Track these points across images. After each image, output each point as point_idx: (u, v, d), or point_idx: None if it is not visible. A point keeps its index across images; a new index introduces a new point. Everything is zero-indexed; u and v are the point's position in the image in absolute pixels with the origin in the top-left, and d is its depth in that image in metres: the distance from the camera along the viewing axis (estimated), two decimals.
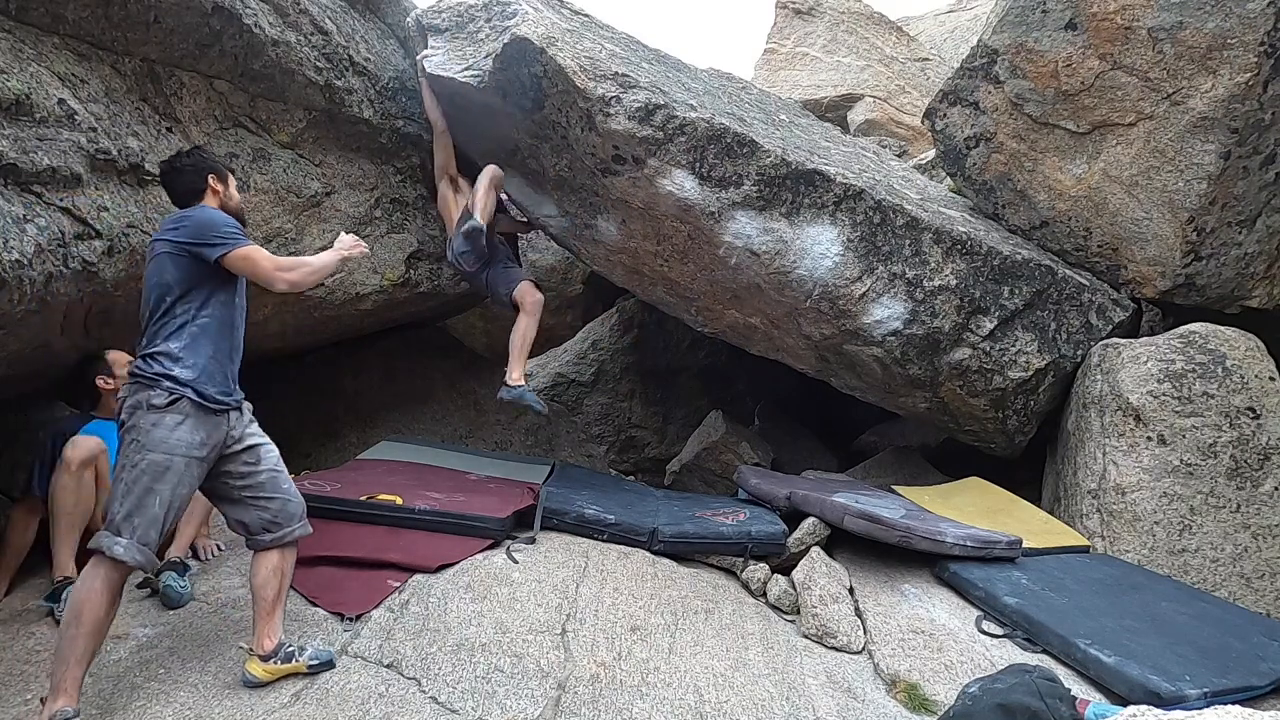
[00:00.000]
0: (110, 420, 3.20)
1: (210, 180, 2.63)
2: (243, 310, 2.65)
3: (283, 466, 2.63)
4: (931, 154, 6.88)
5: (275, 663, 2.47)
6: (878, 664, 3.03)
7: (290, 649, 2.50)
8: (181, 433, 2.34)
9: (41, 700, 2.21)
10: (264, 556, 2.53)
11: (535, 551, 3.31)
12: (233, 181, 2.74)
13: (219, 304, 2.51)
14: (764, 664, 2.91)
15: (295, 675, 2.49)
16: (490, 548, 3.30)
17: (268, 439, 2.63)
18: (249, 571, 2.56)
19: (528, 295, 4.50)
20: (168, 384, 2.36)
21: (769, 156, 4.14)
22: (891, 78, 10.00)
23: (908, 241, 4.25)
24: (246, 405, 2.62)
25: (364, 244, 2.91)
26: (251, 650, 2.49)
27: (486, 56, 4.26)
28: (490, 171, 4.54)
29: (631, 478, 6.40)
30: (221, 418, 2.46)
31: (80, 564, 2.82)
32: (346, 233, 4.34)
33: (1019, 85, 4.55)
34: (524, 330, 4.45)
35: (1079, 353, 4.37)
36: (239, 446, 2.52)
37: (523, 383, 4.34)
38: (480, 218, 4.37)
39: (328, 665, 2.53)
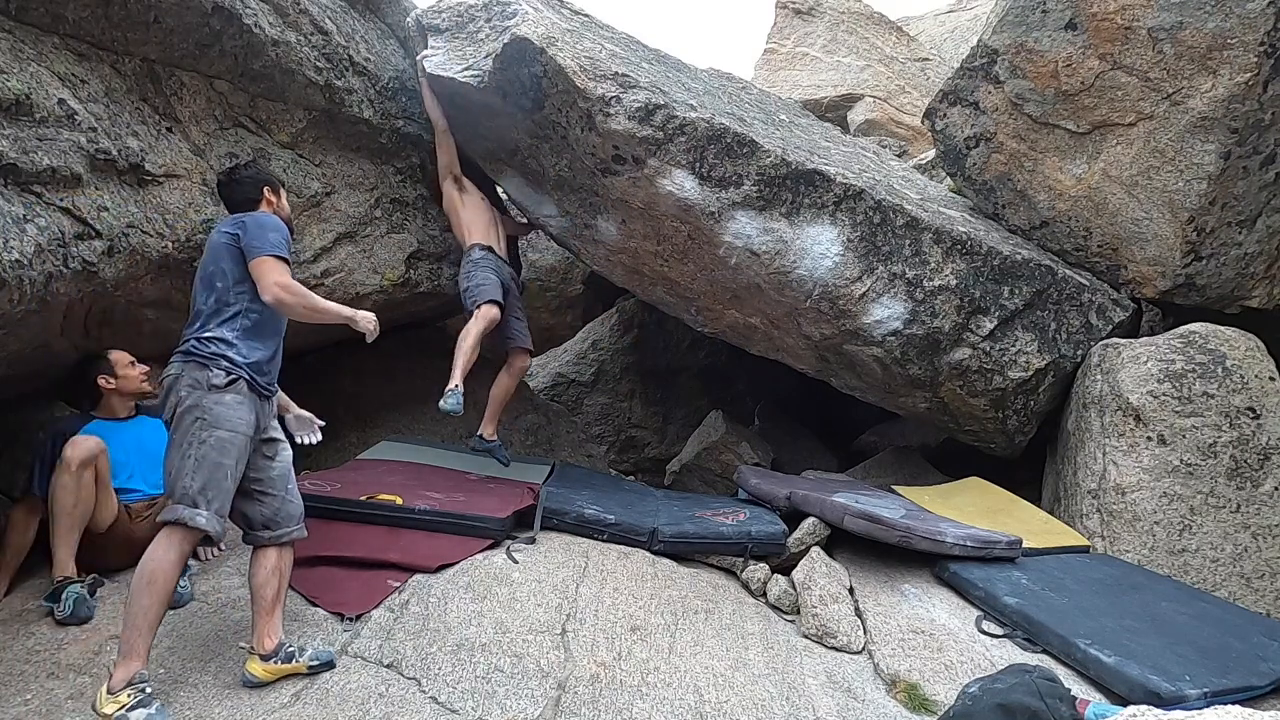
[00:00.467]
0: (110, 420, 3.20)
1: (265, 191, 2.80)
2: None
3: (292, 468, 2.70)
4: (931, 154, 6.89)
5: (275, 662, 2.48)
6: (878, 664, 3.03)
7: (290, 649, 2.51)
8: (242, 411, 2.45)
9: (109, 669, 2.26)
10: (262, 556, 2.55)
11: (535, 551, 3.31)
12: (284, 194, 2.91)
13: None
14: (764, 664, 2.91)
15: (295, 675, 2.49)
16: (490, 548, 3.30)
17: (285, 438, 2.72)
18: (248, 571, 2.58)
19: (517, 360, 4.54)
20: (225, 363, 2.46)
21: (769, 156, 4.14)
22: (891, 78, 10.00)
23: (908, 241, 4.25)
24: (275, 398, 2.72)
25: (376, 327, 2.81)
26: (252, 650, 2.49)
27: (486, 56, 4.26)
28: (483, 320, 4.22)
29: (631, 478, 6.40)
30: (266, 403, 2.59)
31: (80, 564, 2.83)
32: (346, 233, 4.40)
33: (1019, 85, 4.55)
34: (504, 389, 4.48)
35: (1079, 353, 4.37)
36: (263, 437, 2.61)
37: (496, 439, 4.35)
38: (458, 379, 3.99)
39: (328, 666, 2.54)
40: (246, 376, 2.49)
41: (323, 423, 3.20)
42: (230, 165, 2.87)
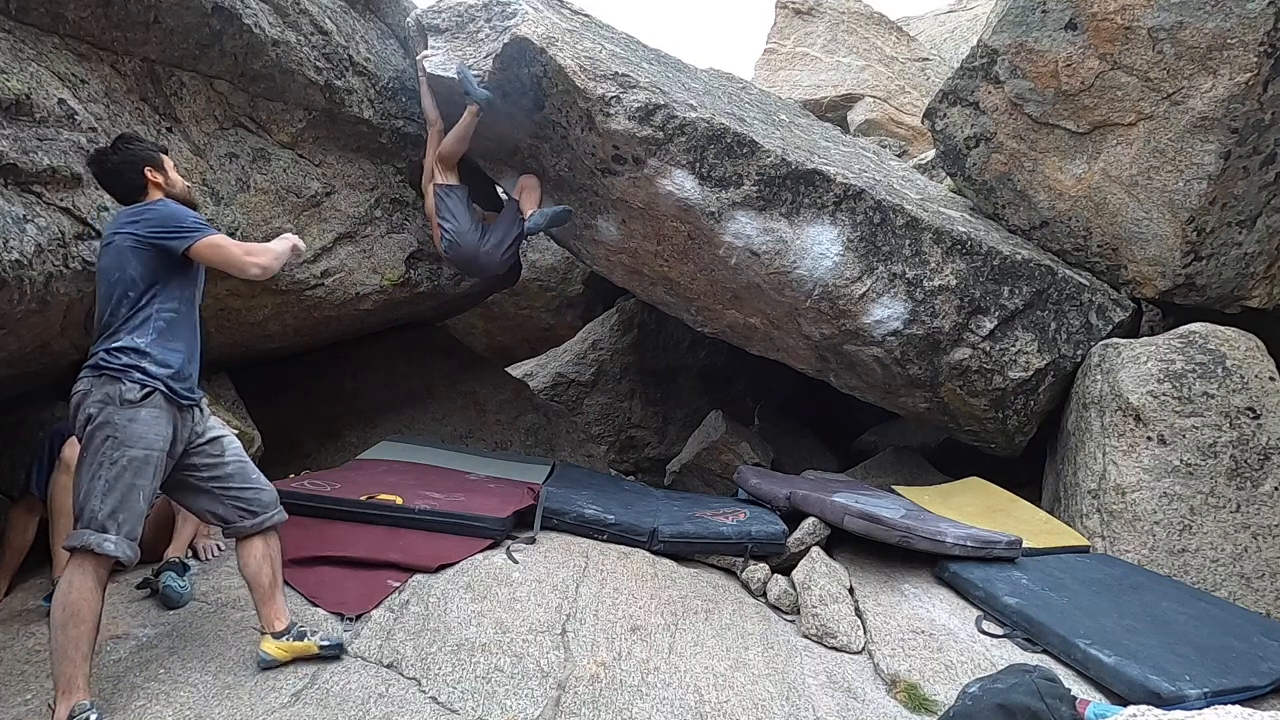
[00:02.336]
0: None
1: (148, 173, 2.52)
2: (198, 311, 2.60)
3: (246, 456, 2.62)
4: (931, 154, 6.88)
5: (289, 640, 2.50)
6: (878, 664, 3.03)
7: (302, 628, 2.54)
8: (159, 427, 2.33)
9: (50, 705, 2.20)
10: (249, 546, 2.52)
11: (535, 551, 3.31)
12: (169, 163, 2.61)
13: (181, 300, 2.48)
14: (764, 664, 2.91)
15: (294, 676, 2.49)
16: (490, 548, 3.30)
17: (228, 431, 2.63)
18: (239, 563, 2.56)
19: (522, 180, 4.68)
20: (138, 375, 2.32)
21: (769, 156, 4.14)
22: (891, 78, 10.00)
23: (908, 241, 4.25)
24: (204, 402, 2.61)
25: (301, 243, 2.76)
26: (264, 631, 2.51)
27: (486, 57, 4.27)
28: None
29: (631, 478, 6.40)
30: (188, 413, 2.46)
31: None
32: (346, 233, 4.40)
33: (1019, 85, 4.55)
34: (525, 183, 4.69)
35: (1079, 353, 4.37)
36: (202, 440, 2.51)
37: (532, 211, 4.49)
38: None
39: (338, 648, 2.56)
40: (163, 388, 2.35)
41: None
42: (97, 151, 2.58)
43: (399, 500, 3.42)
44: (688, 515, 3.84)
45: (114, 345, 2.35)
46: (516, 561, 3.20)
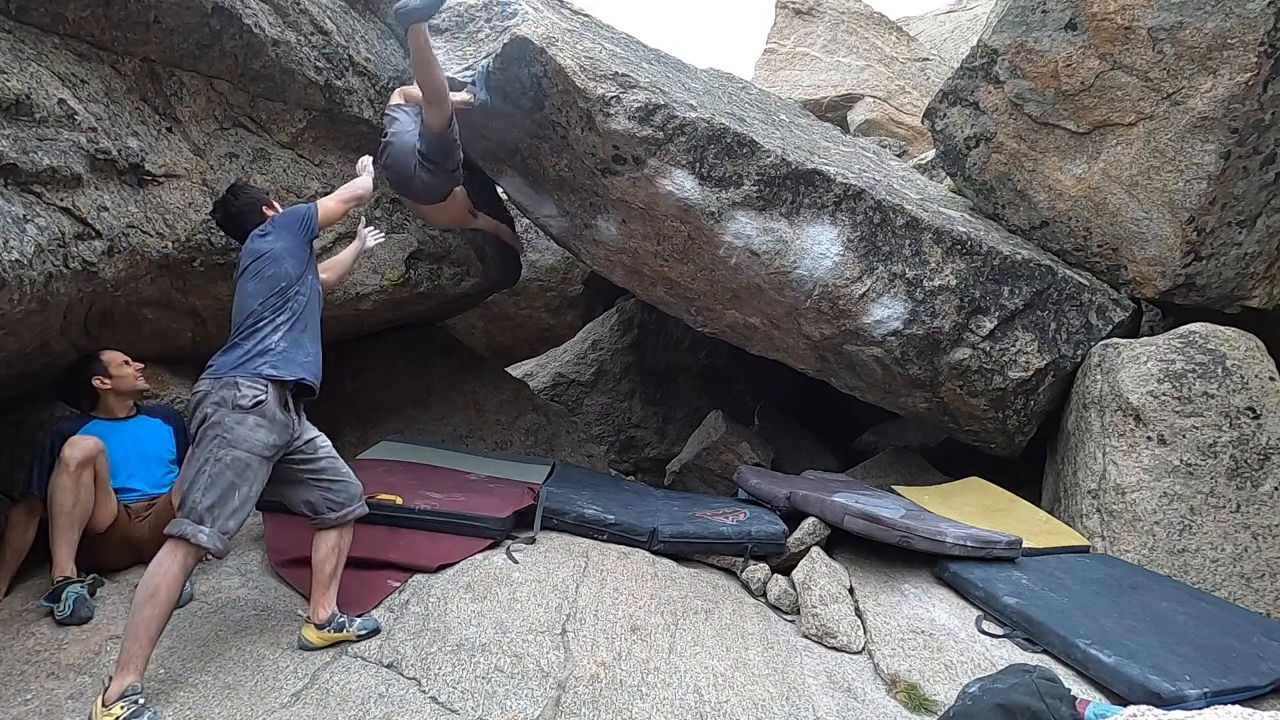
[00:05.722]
0: (110, 420, 3.20)
1: (264, 210, 2.94)
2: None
3: (336, 453, 2.84)
4: (931, 154, 6.89)
5: (329, 631, 2.66)
6: (878, 664, 3.03)
7: (341, 619, 2.69)
8: (262, 434, 2.52)
9: (107, 680, 2.26)
10: (325, 535, 2.72)
11: (535, 551, 3.31)
12: (276, 202, 3.06)
13: (314, 289, 2.87)
14: (764, 664, 2.91)
15: (301, 663, 2.50)
16: (490, 548, 3.30)
17: (319, 432, 2.84)
18: (312, 547, 2.73)
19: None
20: (261, 381, 2.54)
21: (769, 156, 4.14)
22: (891, 78, 10.00)
23: (908, 241, 4.25)
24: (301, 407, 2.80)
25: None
26: (308, 618, 2.69)
27: (486, 57, 4.27)
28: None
29: (631, 478, 6.40)
30: (292, 417, 2.65)
31: (80, 563, 2.83)
32: (346, 234, 4.40)
33: (1019, 85, 4.55)
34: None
35: (1079, 353, 4.37)
36: (301, 441, 2.73)
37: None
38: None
39: (375, 632, 2.73)
40: (275, 392, 2.56)
41: None
42: (221, 199, 2.98)
43: (399, 500, 3.42)
44: (688, 515, 3.84)
45: (249, 343, 2.61)
46: (516, 561, 3.20)
